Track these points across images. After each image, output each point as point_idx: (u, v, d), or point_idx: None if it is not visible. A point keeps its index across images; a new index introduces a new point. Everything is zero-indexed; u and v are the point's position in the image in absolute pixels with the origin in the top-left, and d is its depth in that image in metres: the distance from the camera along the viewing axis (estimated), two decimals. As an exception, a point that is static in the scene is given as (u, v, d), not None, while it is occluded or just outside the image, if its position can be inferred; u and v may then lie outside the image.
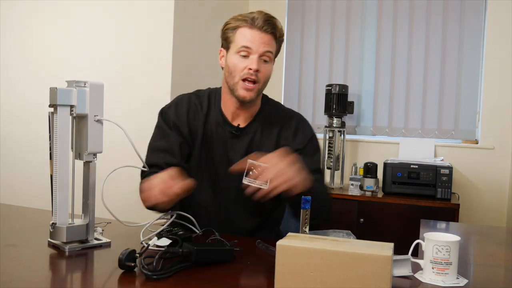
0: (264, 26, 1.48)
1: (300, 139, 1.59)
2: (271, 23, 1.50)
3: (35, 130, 2.83)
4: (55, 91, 1.24)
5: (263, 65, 1.49)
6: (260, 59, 1.48)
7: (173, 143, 1.54)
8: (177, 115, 1.58)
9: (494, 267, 1.34)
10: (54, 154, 1.25)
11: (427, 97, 3.21)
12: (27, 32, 2.91)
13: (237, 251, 1.26)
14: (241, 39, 1.49)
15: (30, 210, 1.82)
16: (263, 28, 1.48)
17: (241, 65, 1.48)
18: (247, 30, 1.49)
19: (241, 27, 1.50)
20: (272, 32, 1.50)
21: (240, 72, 1.48)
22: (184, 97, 1.63)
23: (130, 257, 1.09)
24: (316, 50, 3.44)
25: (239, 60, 1.49)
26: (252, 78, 1.48)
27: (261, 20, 1.48)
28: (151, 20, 2.69)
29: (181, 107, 1.60)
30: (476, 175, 3.10)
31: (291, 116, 1.64)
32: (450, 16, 3.16)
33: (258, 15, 1.49)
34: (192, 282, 1.07)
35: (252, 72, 1.47)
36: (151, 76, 2.69)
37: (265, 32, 1.48)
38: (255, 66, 1.47)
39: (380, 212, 2.77)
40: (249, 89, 1.49)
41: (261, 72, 1.49)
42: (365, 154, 3.28)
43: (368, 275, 0.94)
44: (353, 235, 1.40)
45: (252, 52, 1.48)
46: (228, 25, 1.54)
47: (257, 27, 1.48)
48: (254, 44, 1.47)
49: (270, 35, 1.49)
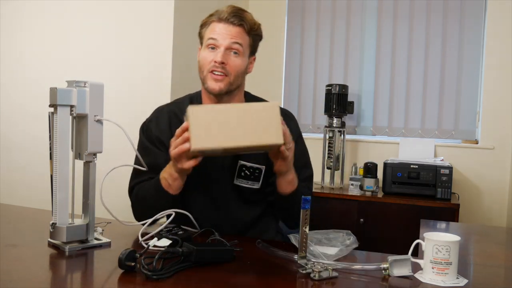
0: (231, 18, 1.49)
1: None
2: (238, 15, 1.50)
3: (35, 130, 2.83)
4: (55, 91, 1.24)
5: (231, 58, 1.48)
6: (228, 51, 1.48)
7: (158, 159, 1.52)
8: (159, 128, 1.57)
9: (494, 267, 1.34)
10: (54, 154, 1.25)
11: (427, 97, 3.21)
12: (27, 32, 2.91)
13: (237, 251, 1.27)
14: (209, 32, 1.51)
15: (30, 210, 1.82)
16: (230, 20, 1.49)
17: (208, 58, 1.49)
18: (216, 24, 1.50)
19: (211, 22, 1.52)
20: (240, 24, 1.49)
21: (208, 65, 1.48)
22: (163, 109, 1.63)
23: (130, 257, 1.09)
24: (316, 50, 3.44)
25: (207, 53, 1.49)
26: (218, 70, 1.47)
27: (227, 13, 1.49)
28: (151, 20, 2.69)
29: (162, 119, 1.59)
30: (476, 175, 3.10)
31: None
32: (450, 16, 3.16)
33: (227, 8, 1.51)
34: (192, 282, 1.08)
35: (217, 65, 1.47)
36: (151, 76, 2.69)
37: (232, 24, 1.49)
38: (219, 58, 1.46)
39: (380, 212, 2.77)
40: (218, 80, 1.48)
41: (228, 65, 1.48)
42: (365, 154, 3.28)
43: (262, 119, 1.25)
44: (353, 235, 1.40)
45: (218, 45, 1.48)
46: (202, 23, 1.56)
47: (224, 20, 1.49)
48: (220, 35, 1.48)
49: (238, 27, 1.49)
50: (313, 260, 1.18)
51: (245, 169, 1.57)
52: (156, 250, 1.15)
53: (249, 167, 1.57)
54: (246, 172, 1.57)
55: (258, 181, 1.58)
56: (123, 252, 1.09)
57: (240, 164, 1.57)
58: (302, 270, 1.14)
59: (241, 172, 1.57)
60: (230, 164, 1.57)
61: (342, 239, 1.38)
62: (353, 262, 1.21)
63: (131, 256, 1.09)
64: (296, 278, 1.14)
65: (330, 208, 2.83)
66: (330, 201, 2.84)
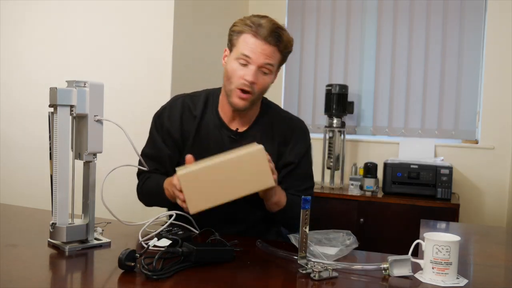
0: (269, 37, 1.42)
1: (297, 151, 1.60)
2: (277, 35, 1.43)
3: (35, 130, 2.83)
4: (55, 91, 1.24)
5: (260, 77, 1.45)
6: (259, 70, 1.44)
7: (163, 152, 1.58)
8: (170, 119, 1.58)
9: (494, 267, 1.34)
10: (54, 154, 1.25)
11: (427, 97, 3.21)
12: (27, 32, 2.91)
13: (237, 251, 1.27)
14: (242, 46, 1.44)
15: (30, 210, 1.82)
16: (267, 39, 1.42)
17: (238, 73, 1.45)
18: (251, 38, 1.43)
19: (245, 32, 1.44)
20: (276, 44, 1.44)
21: (237, 81, 1.45)
22: (178, 99, 1.62)
23: (130, 257, 1.09)
24: (316, 50, 3.44)
25: (237, 67, 1.45)
26: (247, 89, 1.45)
27: (266, 30, 1.41)
28: (151, 20, 2.69)
29: (175, 111, 1.59)
30: (476, 175, 3.10)
31: (292, 126, 1.63)
32: (450, 16, 3.16)
33: (267, 23, 1.43)
34: (192, 282, 1.08)
35: (247, 84, 1.44)
36: (151, 76, 2.69)
37: (268, 43, 1.42)
38: (250, 78, 1.43)
39: (380, 212, 2.77)
40: (242, 99, 1.47)
41: (257, 84, 1.45)
42: (365, 154, 3.28)
43: (252, 168, 1.25)
44: (353, 235, 1.40)
45: (251, 62, 1.43)
46: (234, 27, 1.48)
47: (262, 37, 1.42)
48: (255, 54, 1.42)
49: (273, 47, 1.44)
50: (313, 260, 1.18)
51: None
52: (156, 250, 1.15)
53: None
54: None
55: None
56: (123, 252, 1.09)
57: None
58: (302, 270, 1.14)
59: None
60: None
61: (342, 239, 1.38)
62: (353, 262, 1.21)
63: (131, 256, 1.09)
64: (296, 278, 1.14)
65: (330, 208, 2.83)
66: (330, 201, 2.84)
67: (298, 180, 1.60)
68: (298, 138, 1.62)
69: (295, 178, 1.59)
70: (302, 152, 1.61)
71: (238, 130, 1.57)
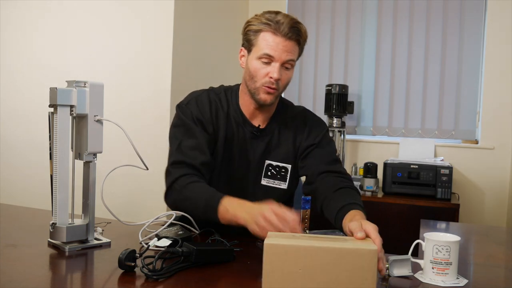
0: (289, 33, 1.42)
1: (314, 135, 1.60)
2: (296, 29, 1.43)
3: (35, 130, 2.83)
4: (55, 91, 1.24)
5: (284, 73, 1.46)
6: (282, 66, 1.45)
7: (201, 139, 1.49)
8: (200, 111, 1.52)
9: (494, 267, 1.34)
10: (54, 154, 1.25)
11: (427, 97, 3.21)
12: (27, 32, 2.91)
13: (237, 251, 1.26)
14: (263, 45, 1.43)
15: (30, 210, 1.82)
16: (288, 35, 1.42)
17: (262, 71, 1.45)
18: (271, 36, 1.42)
19: (264, 31, 1.43)
20: (297, 39, 1.45)
21: (262, 79, 1.45)
22: (203, 93, 1.58)
23: (130, 257, 1.09)
24: (316, 50, 3.44)
25: (260, 65, 1.45)
26: (273, 87, 1.46)
27: (286, 27, 1.41)
28: (151, 20, 2.69)
29: (203, 104, 1.54)
30: (476, 175, 3.10)
31: (303, 115, 1.64)
32: (450, 16, 3.16)
33: (284, 19, 1.42)
34: (192, 282, 1.07)
35: (273, 81, 1.44)
36: (151, 76, 2.69)
37: (289, 39, 1.43)
38: (276, 75, 1.43)
39: (380, 212, 2.77)
40: (270, 93, 1.47)
41: (281, 80, 1.46)
42: (365, 154, 3.28)
43: (355, 269, 0.97)
44: (353, 235, 1.39)
45: (274, 60, 1.43)
46: (250, 26, 1.47)
47: (282, 34, 1.42)
48: (277, 52, 1.42)
49: (294, 42, 1.44)
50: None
51: (271, 168, 1.57)
52: (156, 250, 1.15)
53: (275, 166, 1.57)
54: (273, 171, 1.57)
55: (285, 181, 1.58)
56: (123, 252, 1.09)
57: (267, 163, 1.57)
58: (302, 270, 1.13)
59: (268, 172, 1.57)
60: (258, 164, 1.56)
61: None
62: (353, 262, 1.21)
63: (131, 256, 1.09)
64: (296, 278, 1.13)
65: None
66: (330, 201, 2.84)
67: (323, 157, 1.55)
68: (312, 125, 1.62)
69: (318, 156, 1.56)
70: (320, 134, 1.60)
71: (260, 127, 1.57)
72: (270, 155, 1.57)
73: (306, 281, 0.98)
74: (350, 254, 0.98)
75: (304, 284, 0.98)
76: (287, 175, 1.58)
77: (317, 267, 0.98)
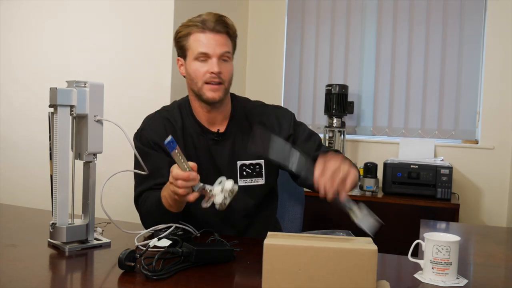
0: (216, 26, 1.47)
1: (286, 125, 1.60)
2: (222, 22, 1.49)
3: (35, 130, 2.83)
4: (55, 91, 1.24)
5: (223, 65, 1.48)
6: (220, 60, 1.47)
7: (159, 163, 1.50)
8: (155, 133, 1.54)
9: (494, 267, 1.34)
10: (54, 154, 1.25)
11: (427, 97, 3.21)
12: (27, 32, 2.91)
13: (237, 251, 1.27)
14: (196, 45, 1.48)
15: (30, 210, 1.83)
16: (216, 29, 1.47)
17: (201, 70, 1.48)
18: (200, 35, 1.48)
19: (193, 32, 1.49)
20: (225, 31, 1.49)
21: (203, 77, 1.48)
22: (154, 116, 1.61)
23: (130, 257, 1.09)
24: (316, 50, 3.44)
25: (199, 65, 1.48)
26: (216, 81, 1.47)
27: (212, 22, 1.47)
28: (151, 20, 2.69)
29: (156, 126, 1.57)
30: (476, 175, 3.10)
31: (264, 109, 1.64)
32: (450, 16, 3.16)
33: (208, 16, 1.49)
34: (192, 282, 1.08)
35: (214, 75, 1.46)
36: (151, 76, 2.69)
37: (218, 33, 1.48)
38: (216, 69, 1.46)
39: (380, 212, 2.74)
40: (215, 89, 1.48)
41: (223, 73, 1.48)
42: (365, 154, 3.28)
43: (355, 269, 0.98)
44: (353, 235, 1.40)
45: (210, 56, 1.47)
46: (180, 33, 1.52)
47: (209, 29, 1.47)
48: (211, 48, 1.46)
49: (224, 35, 1.49)
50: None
51: (245, 168, 1.57)
52: (156, 251, 1.15)
53: (248, 164, 1.57)
54: (248, 170, 1.57)
55: (262, 176, 1.59)
56: (123, 252, 1.09)
57: (239, 164, 1.57)
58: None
59: (243, 172, 1.57)
60: (229, 167, 1.56)
61: (342, 239, 1.38)
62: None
63: (131, 256, 1.10)
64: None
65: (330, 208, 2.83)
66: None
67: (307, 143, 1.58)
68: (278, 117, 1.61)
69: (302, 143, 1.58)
70: (291, 122, 1.61)
71: (220, 131, 1.57)
72: (240, 155, 1.56)
73: (306, 281, 0.99)
74: (350, 254, 0.99)
75: (303, 284, 0.98)
76: (262, 171, 1.58)
77: (316, 267, 0.99)
